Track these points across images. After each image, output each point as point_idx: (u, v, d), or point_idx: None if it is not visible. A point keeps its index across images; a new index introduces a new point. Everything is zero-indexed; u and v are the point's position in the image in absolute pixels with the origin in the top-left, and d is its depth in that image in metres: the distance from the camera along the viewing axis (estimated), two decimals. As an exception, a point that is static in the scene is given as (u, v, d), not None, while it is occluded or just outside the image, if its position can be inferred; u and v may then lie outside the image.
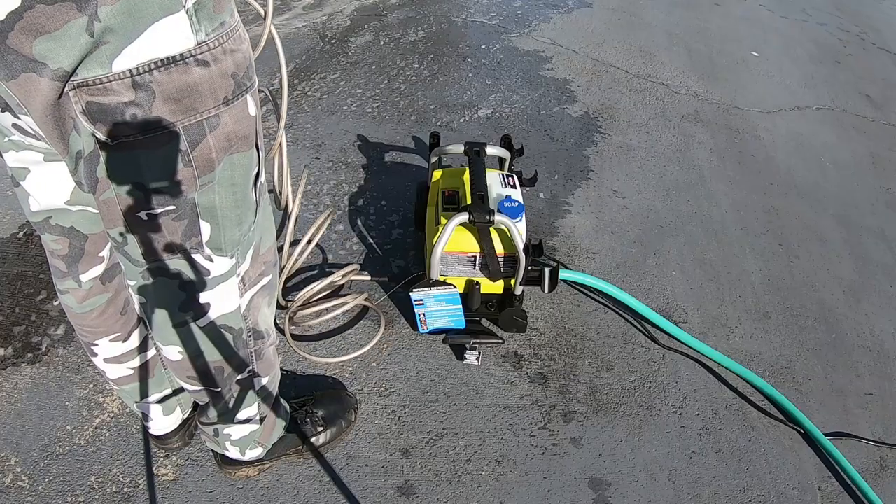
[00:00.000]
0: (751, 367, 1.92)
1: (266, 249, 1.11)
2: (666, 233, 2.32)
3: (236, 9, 0.86)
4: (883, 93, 3.49)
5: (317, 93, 2.71)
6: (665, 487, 1.61)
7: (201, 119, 0.81)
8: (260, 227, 1.06)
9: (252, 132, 0.91)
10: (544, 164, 2.52)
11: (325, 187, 2.27)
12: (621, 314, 2.00)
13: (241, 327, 1.12)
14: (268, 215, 1.10)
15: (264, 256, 1.11)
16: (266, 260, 1.11)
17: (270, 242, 1.13)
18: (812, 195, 2.65)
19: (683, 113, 2.97)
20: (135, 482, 1.46)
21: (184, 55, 0.76)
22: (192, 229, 0.92)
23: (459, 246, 1.66)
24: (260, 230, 1.06)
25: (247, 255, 1.04)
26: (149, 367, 1.32)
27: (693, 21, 3.82)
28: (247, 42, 0.87)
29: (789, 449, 1.74)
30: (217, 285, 1.02)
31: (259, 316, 1.15)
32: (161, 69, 0.75)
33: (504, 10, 3.55)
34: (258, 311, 1.15)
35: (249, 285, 1.09)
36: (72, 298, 1.14)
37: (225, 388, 1.20)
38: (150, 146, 0.80)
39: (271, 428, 1.39)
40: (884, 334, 2.12)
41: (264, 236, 1.09)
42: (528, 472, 1.59)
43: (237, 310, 1.09)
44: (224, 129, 0.85)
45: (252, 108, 0.89)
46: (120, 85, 0.73)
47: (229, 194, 0.92)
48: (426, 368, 1.77)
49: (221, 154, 0.87)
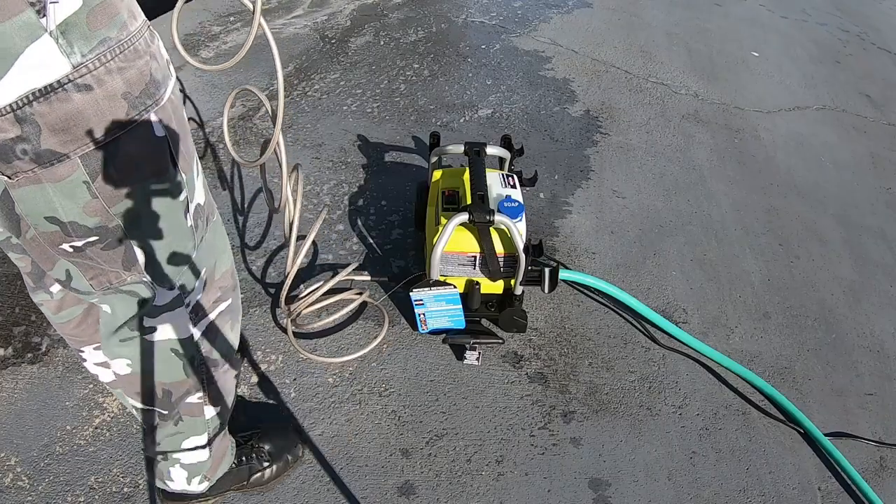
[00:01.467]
0: (751, 367, 1.92)
1: (221, 274, 1.07)
2: (666, 233, 2.32)
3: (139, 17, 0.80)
4: (883, 93, 3.49)
5: (317, 93, 2.71)
6: (665, 487, 1.61)
7: (96, 147, 0.76)
8: (210, 251, 1.02)
9: (162, 155, 0.84)
10: (544, 164, 2.52)
11: (325, 187, 2.27)
12: (621, 314, 2.00)
13: (194, 354, 1.08)
14: (218, 238, 1.05)
15: (220, 282, 1.07)
16: (222, 285, 1.07)
17: (226, 266, 1.08)
18: (812, 195, 2.65)
19: (683, 113, 2.97)
20: (135, 482, 1.46)
21: (60, 82, 0.71)
22: (129, 257, 0.88)
23: (459, 246, 1.66)
24: (212, 255, 1.02)
25: (195, 283, 1.00)
26: None
27: (693, 21, 3.82)
28: (146, 56, 0.79)
29: (789, 449, 1.74)
30: (162, 313, 0.98)
31: (217, 342, 1.12)
32: (40, 100, 0.71)
33: (504, 10, 3.55)
34: (216, 337, 1.11)
35: (204, 313, 1.05)
36: (47, 309, 1.13)
37: (172, 411, 1.14)
38: (53, 178, 0.76)
39: (219, 460, 1.32)
40: (884, 334, 2.12)
41: (218, 261, 1.05)
42: (528, 472, 1.59)
43: (190, 337, 1.05)
44: (124, 155, 0.79)
45: (159, 129, 0.82)
46: (4, 121, 0.71)
47: (153, 223, 0.87)
48: (426, 368, 1.77)
49: (129, 181, 0.81)
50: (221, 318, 1.10)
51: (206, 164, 2.31)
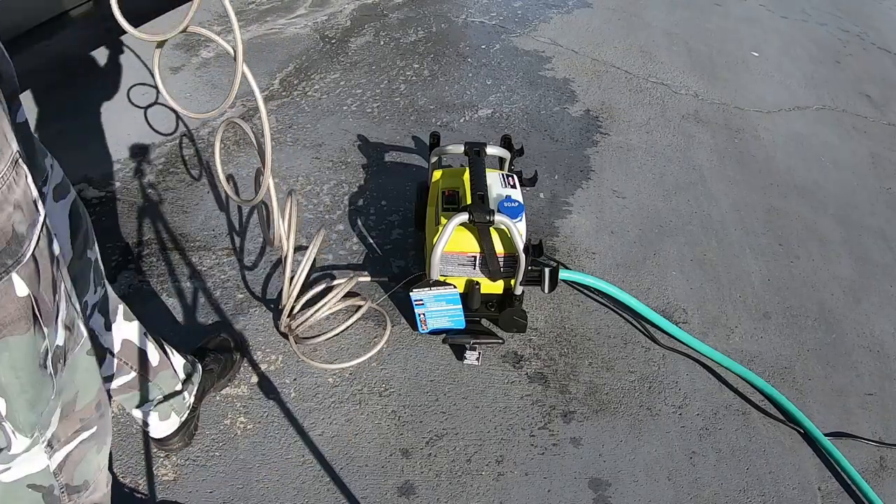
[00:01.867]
0: (751, 367, 1.92)
1: (84, 405, 1.02)
2: (666, 233, 2.32)
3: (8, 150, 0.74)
4: (883, 93, 3.48)
5: (317, 93, 2.71)
6: (665, 487, 1.61)
7: None
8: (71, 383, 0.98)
9: (25, 314, 0.78)
10: (544, 164, 2.52)
11: (325, 187, 2.27)
12: (621, 314, 2.00)
13: (52, 484, 1.02)
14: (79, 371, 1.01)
15: (81, 413, 1.02)
16: (84, 416, 1.03)
17: (90, 397, 1.04)
18: (812, 195, 2.65)
19: (683, 113, 2.97)
20: (135, 482, 1.46)
21: None
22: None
23: (459, 246, 1.66)
24: (73, 387, 0.98)
25: (50, 420, 0.95)
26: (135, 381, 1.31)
27: (693, 21, 3.82)
28: (8, 208, 0.72)
29: (789, 449, 1.74)
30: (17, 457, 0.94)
31: (78, 469, 1.06)
32: None
33: (504, 10, 3.55)
34: (78, 465, 1.06)
35: (61, 444, 1.00)
36: None
37: None
38: None
39: None
40: (884, 334, 2.12)
41: (81, 392, 1.01)
42: (528, 472, 1.59)
43: (45, 468, 0.99)
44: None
45: (21, 289, 0.76)
46: None
47: (13, 377, 0.82)
48: (426, 368, 1.77)
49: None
50: (83, 446, 1.05)
51: (205, 166, 2.31)
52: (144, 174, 2.24)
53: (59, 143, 2.30)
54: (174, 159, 2.31)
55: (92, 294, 1.16)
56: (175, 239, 2.03)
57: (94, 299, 1.18)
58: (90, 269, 1.15)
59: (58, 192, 1.04)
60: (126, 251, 1.97)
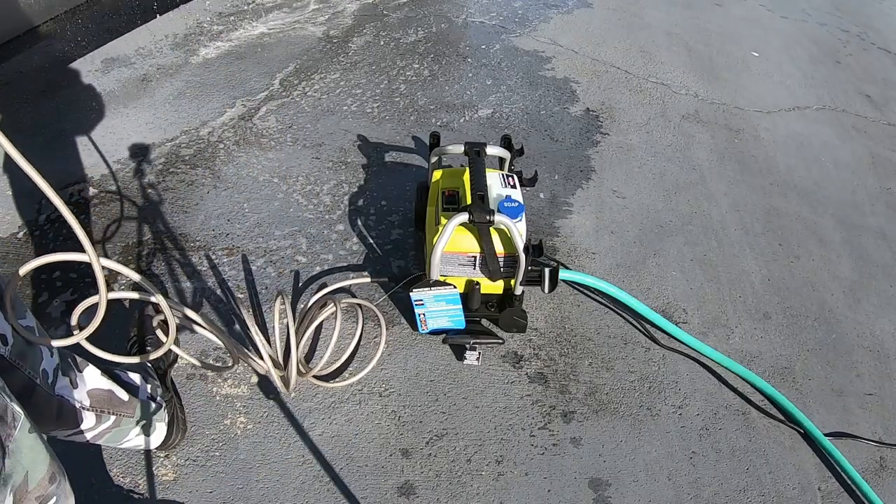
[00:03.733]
0: (751, 367, 1.92)
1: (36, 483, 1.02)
2: (666, 233, 2.32)
3: None
4: (883, 93, 3.48)
5: (317, 93, 2.71)
6: (665, 487, 1.61)
7: None
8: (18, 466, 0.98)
9: None
10: (544, 164, 2.52)
11: (325, 187, 2.27)
12: (621, 314, 2.00)
13: None
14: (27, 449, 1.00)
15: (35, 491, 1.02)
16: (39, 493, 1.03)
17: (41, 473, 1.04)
18: (812, 195, 2.65)
19: (683, 113, 2.97)
20: (135, 482, 1.46)
21: None
22: None
23: (459, 246, 1.66)
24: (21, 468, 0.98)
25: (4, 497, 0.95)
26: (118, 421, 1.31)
27: (693, 21, 3.82)
28: None
29: (789, 449, 1.75)
30: None
31: None
32: None
33: (504, 10, 3.55)
34: None
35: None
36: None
37: None
38: None
39: None
40: (884, 334, 2.12)
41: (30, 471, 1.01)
42: (528, 472, 1.59)
43: None
44: None
45: None
46: None
47: None
48: (426, 368, 1.78)
49: None
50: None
51: (205, 166, 2.31)
52: (144, 174, 2.24)
53: (59, 143, 2.30)
54: (174, 159, 2.31)
55: (48, 359, 1.15)
56: (175, 239, 2.03)
57: (51, 364, 1.16)
58: None
59: None
60: (126, 251, 1.97)
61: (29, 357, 1.10)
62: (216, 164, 2.29)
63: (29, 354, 1.10)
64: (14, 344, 1.06)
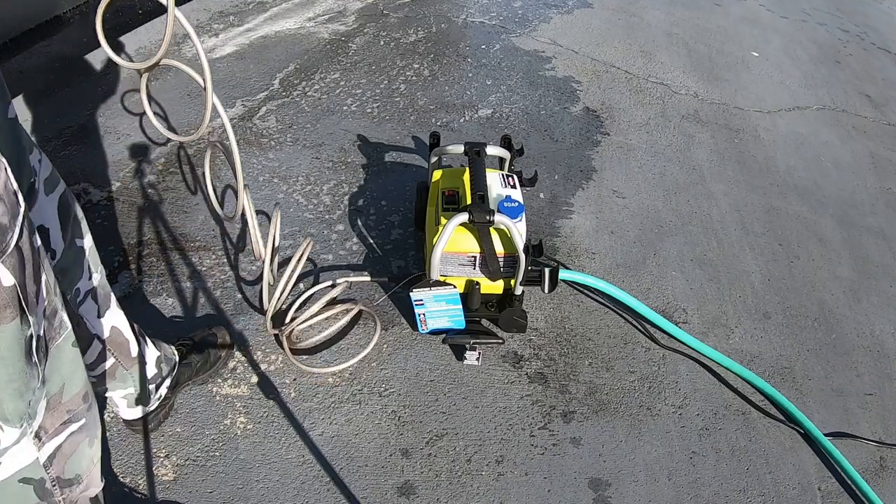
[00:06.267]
0: (751, 367, 1.92)
1: (70, 397, 1.04)
2: (666, 233, 2.32)
3: None
4: (883, 93, 3.49)
5: (317, 93, 2.71)
6: (665, 487, 1.61)
7: None
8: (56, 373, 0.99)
9: (11, 303, 0.82)
10: (544, 164, 2.52)
11: (325, 187, 2.27)
12: (621, 314, 2.00)
13: (43, 476, 1.03)
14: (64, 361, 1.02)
15: (68, 404, 1.04)
16: (71, 408, 1.04)
17: (77, 388, 1.05)
18: (812, 195, 2.65)
19: (683, 113, 2.97)
20: (135, 482, 1.46)
21: None
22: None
23: (459, 246, 1.66)
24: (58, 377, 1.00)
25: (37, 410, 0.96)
26: (113, 368, 1.33)
27: (693, 21, 3.82)
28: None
29: (789, 449, 1.75)
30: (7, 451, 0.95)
31: (70, 462, 1.07)
32: None
33: (504, 10, 3.55)
34: (69, 458, 1.07)
35: (50, 436, 1.02)
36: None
37: None
38: None
39: None
40: (884, 334, 2.12)
41: (67, 383, 1.02)
42: (528, 472, 1.59)
43: (34, 461, 1.00)
44: None
45: (7, 278, 0.80)
46: None
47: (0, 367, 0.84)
48: (426, 368, 1.77)
49: None
50: (74, 438, 1.06)
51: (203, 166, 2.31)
52: (144, 174, 2.24)
53: (59, 143, 2.30)
54: (174, 159, 2.31)
55: (86, 281, 1.18)
56: (175, 239, 2.03)
57: (87, 286, 1.19)
58: (83, 256, 1.16)
59: (47, 186, 1.06)
60: (126, 251, 1.97)
61: (69, 274, 1.13)
62: (216, 164, 2.29)
63: (70, 272, 1.13)
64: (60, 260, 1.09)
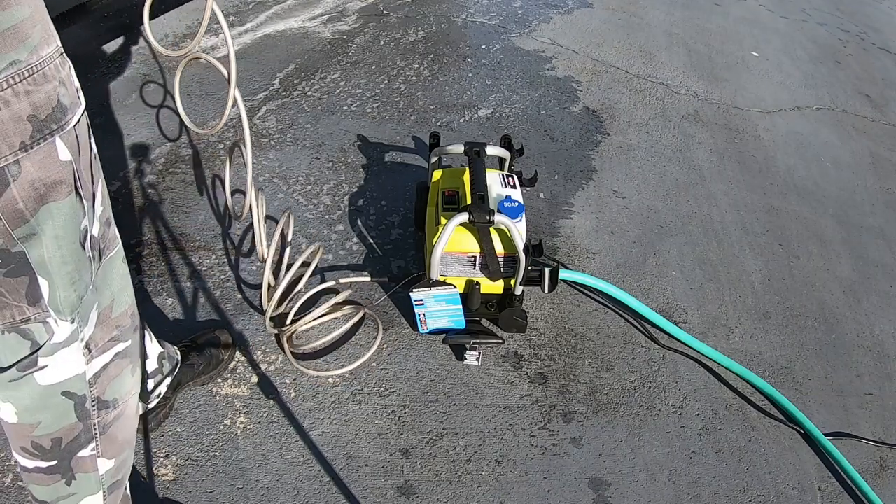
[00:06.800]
0: (751, 367, 1.92)
1: (119, 313, 1.04)
2: (666, 233, 2.32)
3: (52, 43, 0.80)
4: (883, 93, 3.49)
5: (317, 93, 2.71)
6: (665, 487, 1.61)
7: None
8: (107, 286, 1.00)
9: (67, 178, 0.84)
10: (544, 164, 2.52)
11: (325, 187, 2.27)
12: (621, 314, 2.00)
13: (85, 394, 1.03)
14: (115, 274, 1.03)
15: (117, 320, 1.04)
16: (119, 324, 1.05)
17: (125, 306, 1.06)
18: (812, 195, 2.65)
19: (683, 113, 2.97)
20: (135, 482, 1.46)
21: None
22: (33, 290, 0.87)
23: (459, 246, 1.66)
24: (107, 291, 1.00)
25: (89, 317, 0.97)
26: None
27: (693, 21, 3.82)
28: (55, 81, 0.80)
29: (789, 449, 1.75)
30: (58, 350, 0.95)
31: (112, 385, 1.08)
32: None
33: (504, 10, 3.55)
34: (112, 380, 1.07)
35: (98, 351, 1.02)
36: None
37: (62, 462, 1.05)
38: None
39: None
40: (884, 334, 2.12)
41: (117, 298, 1.03)
42: (528, 472, 1.59)
43: (81, 374, 1.01)
44: (27, 176, 0.79)
45: (64, 153, 0.82)
46: None
47: (55, 248, 0.86)
48: (426, 368, 1.78)
49: (32, 204, 0.81)
50: (118, 361, 1.07)
51: (205, 166, 2.31)
52: (144, 174, 2.24)
53: (59, 143, 2.30)
54: (174, 159, 2.31)
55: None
56: (175, 239, 2.03)
57: None
58: None
59: None
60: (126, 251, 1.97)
61: None
62: (216, 164, 2.29)
63: None
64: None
